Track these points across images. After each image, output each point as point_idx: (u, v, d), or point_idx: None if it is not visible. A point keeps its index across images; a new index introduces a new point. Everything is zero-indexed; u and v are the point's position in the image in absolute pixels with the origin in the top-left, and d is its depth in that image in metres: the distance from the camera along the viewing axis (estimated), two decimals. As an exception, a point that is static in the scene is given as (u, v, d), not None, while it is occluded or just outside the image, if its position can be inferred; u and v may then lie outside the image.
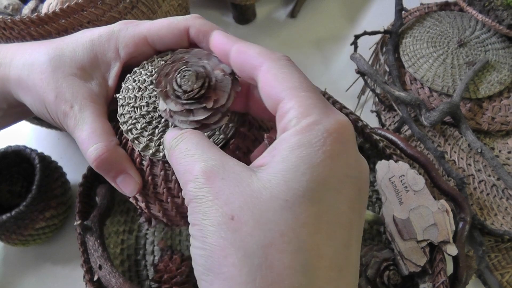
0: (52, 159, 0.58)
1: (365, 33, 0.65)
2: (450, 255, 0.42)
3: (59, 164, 0.59)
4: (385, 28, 0.67)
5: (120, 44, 0.32)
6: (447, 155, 0.59)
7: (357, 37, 0.66)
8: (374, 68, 0.66)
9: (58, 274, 0.57)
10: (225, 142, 0.29)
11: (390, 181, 0.46)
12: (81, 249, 0.47)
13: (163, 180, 0.30)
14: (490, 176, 0.57)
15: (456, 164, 0.59)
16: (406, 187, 0.45)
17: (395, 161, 0.47)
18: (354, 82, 0.67)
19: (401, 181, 0.45)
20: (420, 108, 0.56)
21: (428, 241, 0.42)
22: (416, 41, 0.66)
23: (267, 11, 0.81)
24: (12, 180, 0.61)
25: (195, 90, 0.26)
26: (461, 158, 0.59)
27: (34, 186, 0.52)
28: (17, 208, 0.51)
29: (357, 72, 0.61)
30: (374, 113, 0.66)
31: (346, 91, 0.68)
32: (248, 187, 0.21)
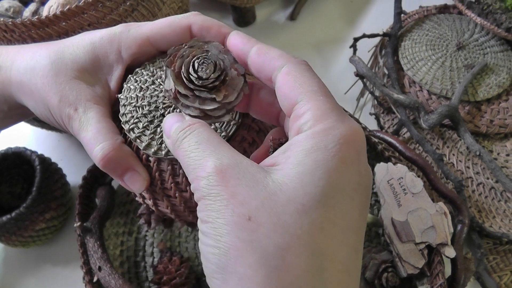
0: (52, 161, 0.58)
1: (364, 36, 0.65)
2: (448, 257, 0.42)
3: (59, 166, 0.59)
4: (384, 31, 0.67)
5: (123, 46, 0.32)
6: (446, 158, 0.59)
7: (356, 40, 0.66)
8: (373, 71, 0.66)
9: (58, 275, 0.57)
10: (227, 140, 0.29)
11: (389, 184, 0.46)
12: (81, 251, 0.47)
13: (171, 175, 0.30)
14: (489, 179, 0.57)
15: (455, 167, 0.59)
16: (405, 190, 0.45)
17: (394, 164, 0.47)
18: (353, 85, 0.67)
19: (400, 184, 0.46)
20: (419, 111, 0.57)
21: (426, 243, 0.42)
22: (415, 44, 0.66)
23: (267, 14, 0.82)
24: (12, 182, 0.61)
25: (211, 80, 0.26)
26: (460, 161, 0.59)
27: (34, 188, 0.53)
28: (17, 210, 0.51)
29: (356, 75, 0.61)
30: (373, 116, 0.66)
31: (345, 94, 0.68)
32: (265, 189, 0.21)
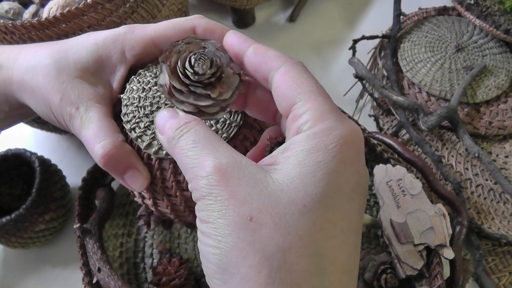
0: (52, 162, 0.58)
1: (364, 38, 0.66)
2: (447, 259, 0.42)
3: (59, 167, 0.59)
4: (384, 33, 0.68)
5: (127, 47, 0.33)
6: (445, 159, 0.59)
7: (356, 42, 0.66)
8: (372, 73, 0.66)
9: (58, 277, 0.57)
10: (228, 142, 0.29)
11: (388, 185, 0.46)
12: (80, 252, 0.47)
13: (172, 174, 0.30)
14: (488, 180, 0.58)
15: (454, 168, 0.59)
16: (404, 191, 0.45)
17: (393, 165, 0.47)
18: (352, 87, 0.67)
19: (399, 185, 0.46)
20: (418, 113, 0.57)
21: (425, 245, 0.42)
22: (414, 46, 0.66)
23: (266, 15, 0.82)
24: (12, 183, 0.61)
25: (207, 76, 0.26)
26: (459, 162, 0.59)
27: (34, 189, 0.53)
28: (17, 211, 0.52)
29: (355, 77, 0.62)
30: (372, 118, 0.66)
31: (344, 95, 0.68)
32: (266, 189, 0.21)
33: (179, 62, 0.26)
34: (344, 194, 0.21)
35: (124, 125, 0.31)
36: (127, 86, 0.33)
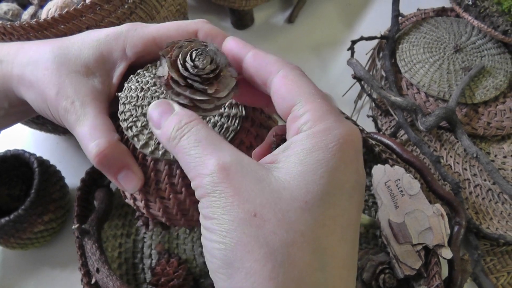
0: (51, 163, 0.58)
1: (362, 39, 0.66)
2: (445, 259, 0.42)
3: (58, 168, 0.59)
4: (382, 34, 0.68)
5: (128, 44, 0.33)
6: (443, 160, 0.60)
7: (354, 43, 0.66)
8: (371, 73, 0.66)
9: (56, 277, 0.57)
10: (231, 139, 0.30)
11: (386, 185, 0.46)
12: (79, 253, 0.47)
13: (167, 175, 0.30)
14: (486, 181, 0.58)
15: (452, 169, 0.59)
16: (402, 191, 0.45)
17: (391, 166, 0.48)
18: (351, 87, 0.68)
19: (397, 185, 0.46)
20: (416, 113, 0.57)
21: (423, 245, 0.42)
22: (413, 47, 0.66)
23: (265, 17, 0.82)
24: (11, 184, 0.61)
25: (206, 71, 0.26)
26: (457, 163, 0.59)
27: (33, 190, 0.53)
28: (16, 212, 0.52)
29: (354, 77, 0.62)
30: (371, 118, 0.66)
31: (343, 96, 0.68)
32: (268, 186, 0.21)
33: (180, 55, 0.26)
34: (344, 192, 0.22)
35: (121, 124, 0.31)
36: (126, 85, 0.33)
